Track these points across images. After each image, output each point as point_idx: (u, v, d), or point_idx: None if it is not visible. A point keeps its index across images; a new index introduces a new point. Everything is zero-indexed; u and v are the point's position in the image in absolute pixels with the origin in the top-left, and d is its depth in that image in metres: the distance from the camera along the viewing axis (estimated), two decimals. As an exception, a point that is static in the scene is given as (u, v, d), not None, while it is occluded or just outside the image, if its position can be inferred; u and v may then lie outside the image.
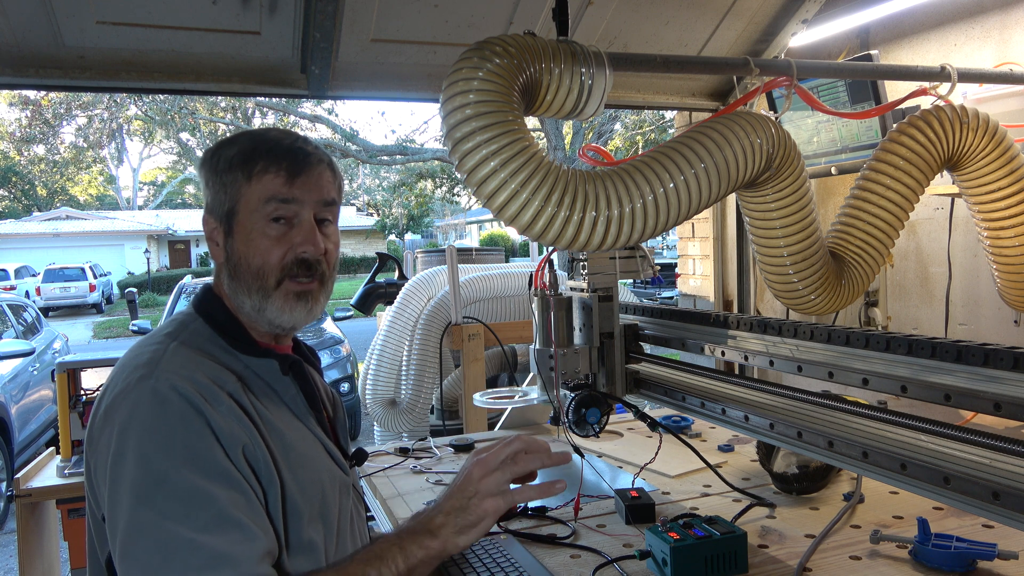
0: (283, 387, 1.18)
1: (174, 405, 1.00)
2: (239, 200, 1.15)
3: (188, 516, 0.95)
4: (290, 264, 1.15)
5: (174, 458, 0.98)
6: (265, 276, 1.14)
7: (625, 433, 2.38)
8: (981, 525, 1.52)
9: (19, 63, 2.18)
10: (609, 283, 1.85)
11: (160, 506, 0.95)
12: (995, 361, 1.09)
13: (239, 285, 1.16)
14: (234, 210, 1.15)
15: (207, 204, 1.20)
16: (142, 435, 0.99)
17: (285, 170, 1.14)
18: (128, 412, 1.01)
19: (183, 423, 1.00)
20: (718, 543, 1.35)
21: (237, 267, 1.16)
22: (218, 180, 1.16)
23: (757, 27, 2.81)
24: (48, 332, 7.82)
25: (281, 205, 1.14)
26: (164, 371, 1.04)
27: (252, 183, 1.14)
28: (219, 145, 1.21)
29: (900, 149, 1.85)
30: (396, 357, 3.52)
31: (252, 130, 1.25)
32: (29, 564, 2.53)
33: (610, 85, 1.62)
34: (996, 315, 2.46)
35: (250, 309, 1.16)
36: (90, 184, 38.81)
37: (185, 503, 0.96)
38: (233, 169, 1.15)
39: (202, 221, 1.21)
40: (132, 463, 0.97)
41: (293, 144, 1.17)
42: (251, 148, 1.16)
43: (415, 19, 2.36)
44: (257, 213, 1.14)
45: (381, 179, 29.17)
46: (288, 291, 1.15)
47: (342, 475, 1.22)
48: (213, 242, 1.20)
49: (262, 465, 1.05)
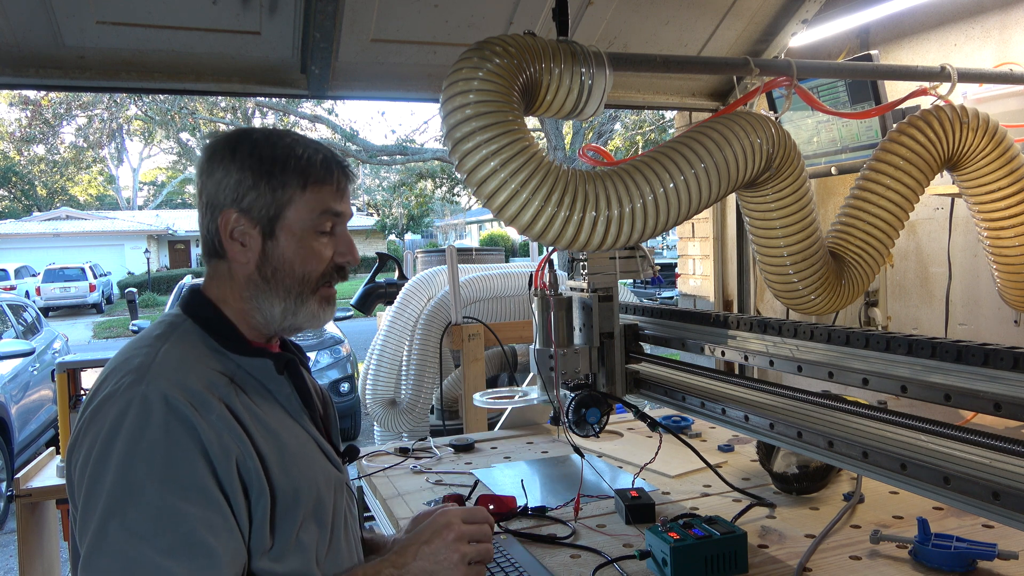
0: (277, 386, 1.17)
1: (161, 416, 0.99)
2: (288, 206, 1.14)
3: (156, 535, 0.94)
4: (330, 272, 1.19)
5: (153, 472, 0.97)
6: (308, 282, 1.17)
7: (625, 433, 2.38)
8: (981, 525, 1.52)
9: (19, 63, 2.18)
10: (609, 283, 1.85)
11: (130, 521, 0.95)
12: (995, 361, 1.09)
13: (273, 289, 1.15)
14: (280, 215, 1.14)
15: (233, 200, 1.13)
16: (125, 444, 0.98)
17: (338, 184, 1.18)
18: (114, 418, 1.00)
19: (168, 436, 0.99)
20: (718, 543, 1.35)
21: (277, 271, 1.15)
22: (264, 182, 1.13)
23: (757, 27, 2.81)
24: (48, 332, 7.82)
25: (332, 217, 1.18)
26: (155, 377, 1.03)
27: (307, 192, 1.15)
28: (252, 143, 1.15)
29: (900, 149, 1.85)
30: (396, 357, 3.52)
31: (282, 132, 1.20)
32: (29, 564, 2.54)
33: (610, 85, 1.62)
34: (996, 315, 2.45)
35: (279, 313, 1.16)
36: (90, 184, 38.81)
37: (155, 521, 0.95)
38: (286, 174, 1.14)
39: (213, 217, 1.15)
40: (111, 471, 0.97)
41: (336, 158, 1.21)
42: (305, 157, 1.15)
43: (415, 19, 2.36)
44: (310, 223, 1.15)
45: (381, 179, 29.18)
46: (322, 296, 1.19)
47: (336, 473, 1.22)
48: (236, 242, 1.14)
49: (253, 476, 1.04)
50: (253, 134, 1.18)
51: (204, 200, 1.16)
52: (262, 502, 1.05)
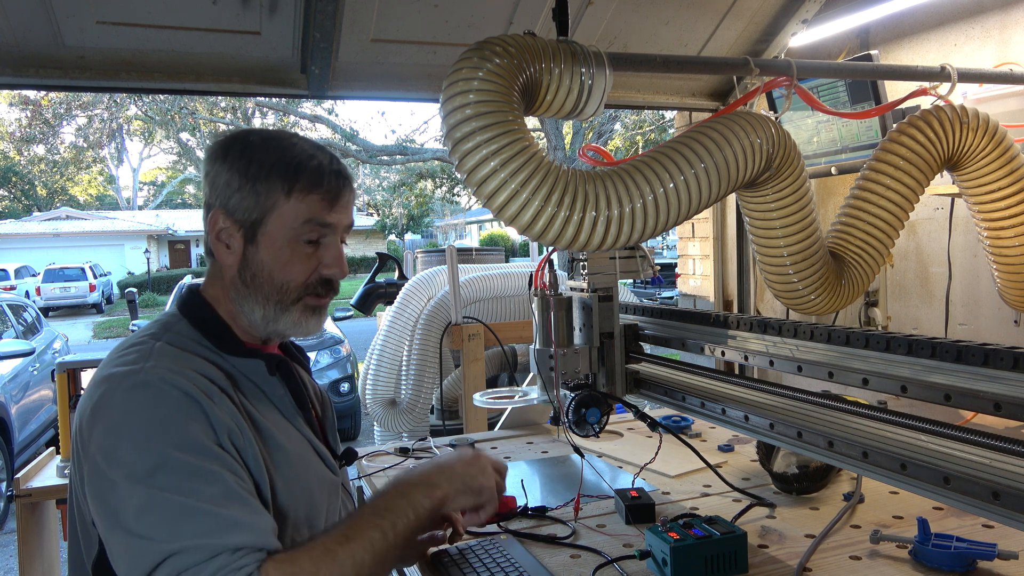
0: (270, 387, 1.16)
1: (166, 393, 0.99)
2: (271, 212, 1.12)
3: (196, 490, 0.93)
4: (314, 283, 1.16)
5: (171, 441, 0.96)
6: (287, 292, 1.14)
7: (625, 433, 2.38)
8: (981, 525, 1.52)
9: (19, 63, 2.18)
10: (609, 283, 1.85)
11: (164, 484, 0.93)
12: (995, 361, 1.09)
13: (252, 294, 1.14)
14: (263, 221, 1.12)
15: (221, 201, 1.13)
16: (135, 425, 0.97)
17: (328, 194, 1.14)
18: (118, 408, 0.99)
19: (177, 409, 0.98)
20: (718, 543, 1.35)
21: (256, 277, 1.14)
22: (248, 185, 1.11)
23: (757, 27, 2.81)
24: (48, 332, 7.82)
25: (318, 228, 1.14)
26: (152, 367, 1.02)
27: (292, 200, 1.12)
28: (244, 144, 1.14)
29: (900, 149, 1.85)
30: (396, 357, 3.52)
31: (282, 134, 1.18)
32: (29, 564, 2.53)
33: (610, 85, 1.62)
34: (996, 315, 2.45)
35: (260, 319, 1.15)
36: (90, 184, 38.82)
37: (192, 478, 0.94)
38: (271, 179, 1.11)
39: (208, 217, 1.15)
40: (127, 452, 0.95)
41: (331, 165, 1.16)
42: (295, 162, 1.12)
43: (415, 19, 2.36)
44: (291, 231, 1.13)
45: (381, 179, 29.17)
46: (306, 306, 1.17)
47: (331, 476, 1.21)
48: (222, 243, 1.15)
49: (251, 459, 1.04)
50: (250, 136, 1.16)
51: (203, 199, 1.17)
52: (263, 485, 1.05)
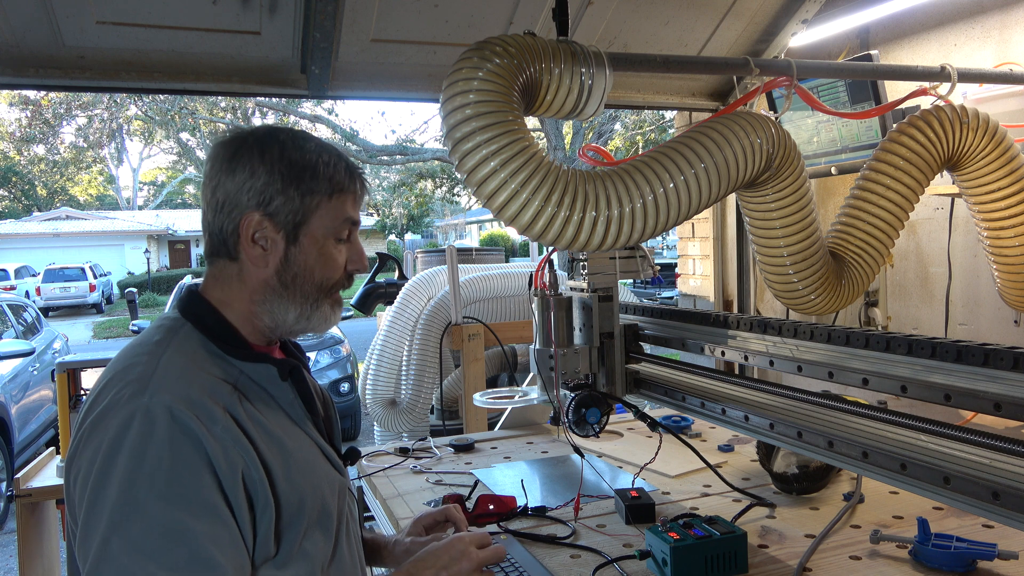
0: (280, 392, 1.15)
1: (165, 430, 0.98)
2: (314, 213, 1.14)
3: (162, 552, 0.93)
4: (343, 279, 1.21)
5: (158, 488, 0.95)
6: (324, 289, 1.18)
7: (625, 433, 2.38)
8: (981, 525, 1.52)
9: (19, 63, 2.18)
10: (609, 283, 1.85)
11: (135, 537, 0.93)
12: (995, 361, 1.09)
13: (289, 294, 1.15)
14: (305, 221, 1.14)
15: (258, 203, 1.11)
16: (128, 459, 0.96)
17: (359, 193, 1.21)
18: (116, 432, 0.98)
19: (172, 450, 0.97)
20: (718, 543, 1.35)
21: (297, 277, 1.15)
22: (293, 187, 1.12)
23: (757, 27, 2.81)
24: (48, 332, 7.82)
25: (351, 226, 1.20)
26: (157, 389, 1.01)
27: (333, 200, 1.16)
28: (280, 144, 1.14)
29: (900, 149, 1.85)
30: (396, 357, 3.52)
31: (304, 134, 1.20)
32: (29, 564, 2.54)
33: (610, 85, 1.62)
34: (996, 315, 2.46)
35: (294, 318, 1.16)
36: (90, 184, 38.81)
37: (161, 537, 0.94)
38: (317, 180, 1.14)
39: (238, 218, 1.12)
40: (115, 487, 0.95)
41: (354, 164, 1.22)
42: (331, 163, 1.16)
43: (415, 19, 2.36)
44: (330, 230, 1.17)
45: (381, 179, 29.16)
46: (333, 301, 1.21)
47: (340, 478, 1.21)
48: (257, 246, 1.13)
49: (258, 488, 1.03)
50: (280, 135, 1.16)
51: (219, 199, 1.12)
52: (267, 513, 1.04)
